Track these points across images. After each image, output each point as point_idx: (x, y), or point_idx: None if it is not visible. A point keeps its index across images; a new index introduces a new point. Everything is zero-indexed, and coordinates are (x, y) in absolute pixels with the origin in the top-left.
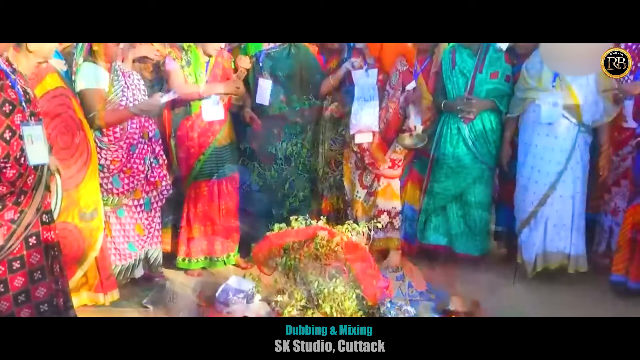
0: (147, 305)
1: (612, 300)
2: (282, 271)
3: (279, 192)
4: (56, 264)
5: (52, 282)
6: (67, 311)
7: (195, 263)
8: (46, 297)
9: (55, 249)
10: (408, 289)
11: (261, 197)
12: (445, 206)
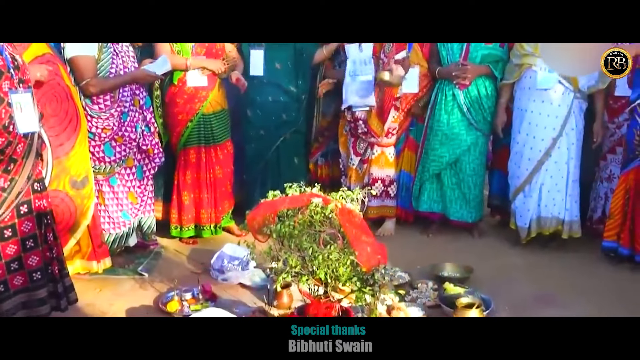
0: (143, 273)
1: (604, 266)
2: (277, 238)
3: (273, 159)
4: (49, 232)
5: (45, 250)
6: (63, 279)
7: (186, 231)
8: (39, 266)
9: (49, 217)
10: None
11: (255, 165)
12: (439, 173)
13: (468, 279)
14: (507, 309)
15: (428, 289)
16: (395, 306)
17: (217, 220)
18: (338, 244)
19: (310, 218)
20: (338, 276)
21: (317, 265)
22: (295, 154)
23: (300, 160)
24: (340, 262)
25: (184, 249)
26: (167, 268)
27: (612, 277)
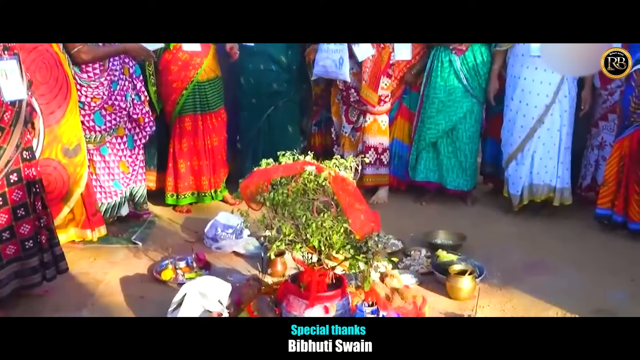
0: (137, 242)
1: (595, 233)
2: (270, 206)
3: (265, 128)
4: (38, 201)
5: (35, 219)
6: (52, 248)
7: (183, 199)
8: (31, 234)
9: (37, 186)
10: None
11: (248, 133)
12: (436, 142)
13: (461, 246)
14: (500, 275)
15: (421, 257)
16: (388, 273)
17: (216, 186)
18: (331, 211)
19: (303, 186)
20: (332, 244)
21: (311, 233)
22: (289, 123)
23: (295, 129)
24: (334, 229)
25: (178, 217)
26: (161, 237)
27: (603, 244)
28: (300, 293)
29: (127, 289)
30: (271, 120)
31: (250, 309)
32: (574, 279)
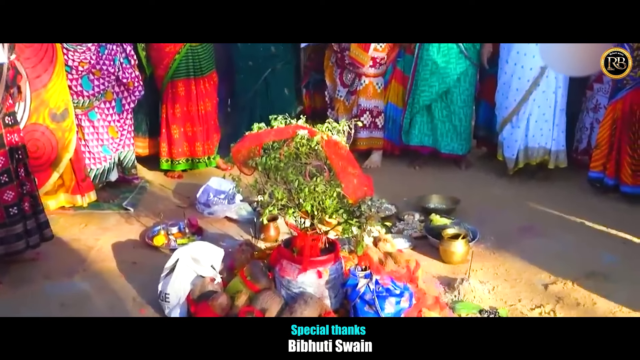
0: (128, 207)
1: (589, 196)
2: (262, 171)
3: (262, 90)
4: (21, 168)
5: (18, 186)
6: (36, 215)
7: (178, 165)
8: (15, 201)
9: (20, 152)
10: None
11: (244, 95)
12: (430, 106)
13: (454, 210)
14: (493, 238)
15: (414, 221)
16: (381, 238)
17: (210, 152)
18: (324, 176)
19: (296, 150)
20: (324, 208)
21: (304, 197)
22: (285, 86)
23: (291, 91)
24: (327, 194)
25: (169, 183)
26: (153, 202)
27: (596, 207)
28: (293, 258)
29: (119, 255)
30: (268, 83)
31: (243, 274)
32: (567, 242)
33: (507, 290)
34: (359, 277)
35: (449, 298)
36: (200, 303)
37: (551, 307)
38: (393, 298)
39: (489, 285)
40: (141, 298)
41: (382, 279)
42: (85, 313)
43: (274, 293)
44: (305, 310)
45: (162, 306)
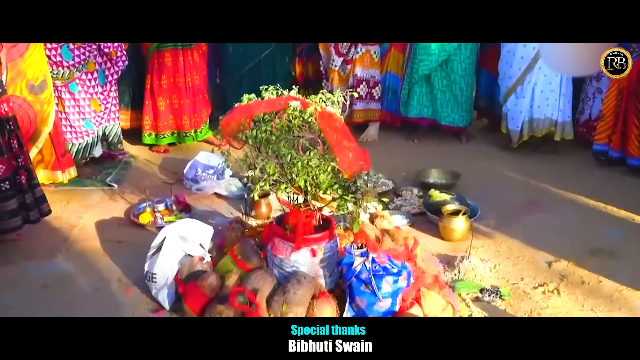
0: (112, 184)
1: (594, 170)
2: (253, 145)
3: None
4: (14, 139)
5: (11, 159)
6: (33, 189)
7: (163, 139)
8: (7, 175)
9: (11, 123)
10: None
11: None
12: (429, 75)
13: (454, 185)
14: (495, 215)
15: (413, 196)
16: (378, 214)
17: (197, 126)
18: (318, 149)
19: (288, 123)
20: (318, 184)
21: (296, 172)
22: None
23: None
24: (321, 168)
25: (155, 158)
26: (138, 178)
27: (602, 181)
28: (285, 236)
29: (103, 233)
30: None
31: (233, 252)
32: (571, 218)
33: (509, 268)
34: (354, 255)
35: (449, 277)
36: (189, 283)
37: (555, 286)
38: (390, 277)
39: (490, 263)
40: (127, 279)
41: (379, 257)
42: (69, 294)
43: (266, 272)
44: (298, 290)
45: (148, 287)
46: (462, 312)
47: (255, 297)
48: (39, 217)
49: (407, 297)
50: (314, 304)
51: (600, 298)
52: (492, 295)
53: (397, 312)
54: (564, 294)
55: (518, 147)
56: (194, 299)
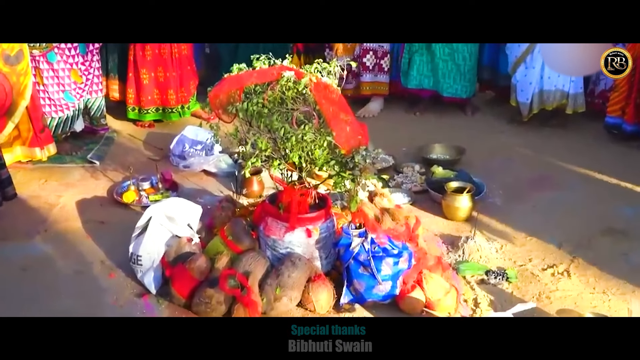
0: (94, 161)
1: (607, 145)
2: (244, 118)
3: None
4: None
5: None
6: None
7: (146, 114)
8: None
9: None
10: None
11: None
12: (430, 43)
13: (459, 161)
14: (501, 192)
15: (414, 173)
16: (378, 192)
17: (184, 101)
18: (313, 123)
19: (281, 94)
20: (314, 160)
21: (290, 147)
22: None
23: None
24: (316, 143)
25: (140, 133)
26: (121, 155)
27: (615, 157)
28: (279, 215)
29: (85, 213)
30: None
31: (223, 233)
32: (583, 195)
33: (517, 249)
34: (352, 235)
35: (453, 258)
36: (176, 266)
37: (565, 267)
38: (390, 259)
39: (496, 244)
40: (110, 261)
41: (379, 237)
42: (49, 278)
43: (258, 254)
44: (293, 273)
45: (133, 270)
46: (466, 295)
47: (247, 281)
48: (1, 200)
49: (408, 280)
50: (309, 287)
51: (613, 280)
52: (498, 278)
53: (397, 295)
54: (574, 276)
55: (526, 120)
56: (182, 282)
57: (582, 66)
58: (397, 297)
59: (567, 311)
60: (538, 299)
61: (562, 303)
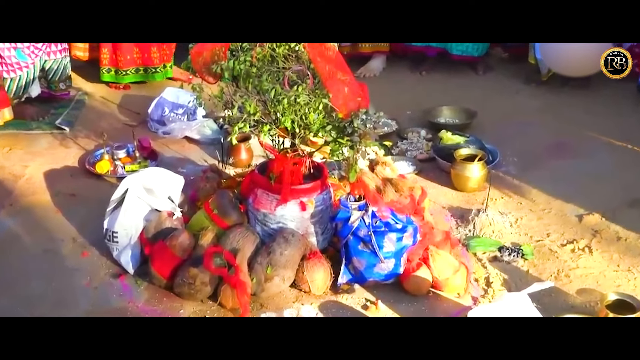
0: (63, 127)
1: (636, 107)
2: (230, 78)
3: None
4: None
5: None
6: None
7: (125, 76)
8: None
9: None
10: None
11: None
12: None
13: (469, 126)
14: (516, 160)
15: (420, 139)
16: (379, 160)
17: (168, 59)
18: (307, 83)
19: (271, 52)
20: (308, 124)
21: (282, 111)
22: None
23: None
24: (311, 106)
25: (114, 95)
26: (94, 120)
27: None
28: (270, 186)
29: (54, 185)
30: None
31: (208, 207)
32: (607, 164)
33: (533, 222)
34: (351, 209)
35: (462, 233)
36: (156, 243)
37: (586, 243)
38: (394, 234)
39: (511, 217)
40: (83, 238)
41: (380, 210)
42: (14, 257)
43: (247, 230)
44: (285, 250)
45: (109, 248)
46: (477, 273)
47: (234, 259)
48: None
49: (413, 257)
50: (304, 266)
51: (639, 256)
52: (512, 255)
53: (401, 274)
54: (596, 252)
55: (545, 80)
56: (163, 261)
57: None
58: (400, 277)
59: (588, 291)
60: (556, 277)
61: (582, 282)
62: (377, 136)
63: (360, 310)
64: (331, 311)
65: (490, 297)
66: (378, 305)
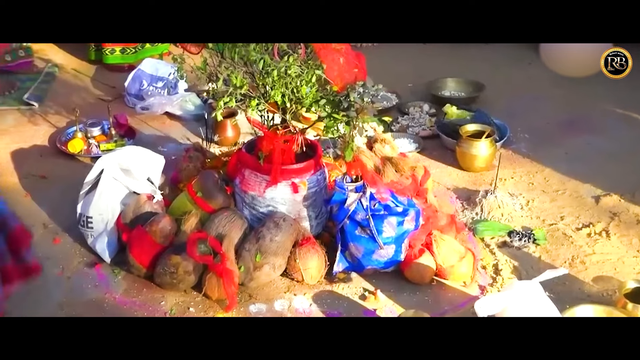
0: (31, 102)
1: None
2: (214, 48)
3: None
4: None
5: None
6: None
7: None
8: None
9: None
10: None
11: None
12: None
13: (476, 100)
14: (527, 137)
15: (423, 114)
16: (378, 137)
17: None
18: (299, 54)
19: None
20: (300, 98)
21: (271, 84)
22: None
23: None
24: (303, 78)
25: (87, 68)
26: (65, 94)
27: None
28: (258, 166)
29: (22, 166)
30: None
31: (191, 189)
32: (625, 141)
33: (546, 204)
34: (348, 190)
35: (469, 216)
36: (135, 229)
37: (603, 226)
38: (394, 218)
39: (521, 199)
40: (55, 224)
41: (379, 192)
42: None
43: (234, 214)
44: (276, 235)
45: (83, 234)
46: (485, 260)
47: (220, 246)
48: None
49: (415, 243)
50: (296, 253)
51: None
52: (523, 240)
53: (402, 262)
54: (614, 236)
55: None
56: (142, 248)
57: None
58: (401, 264)
59: (605, 278)
60: (571, 264)
61: (599, 269)
62: (375, 111)
63: (358, 301)
64: (326, 302)
65: (499, 286)
66: (377, 296)
